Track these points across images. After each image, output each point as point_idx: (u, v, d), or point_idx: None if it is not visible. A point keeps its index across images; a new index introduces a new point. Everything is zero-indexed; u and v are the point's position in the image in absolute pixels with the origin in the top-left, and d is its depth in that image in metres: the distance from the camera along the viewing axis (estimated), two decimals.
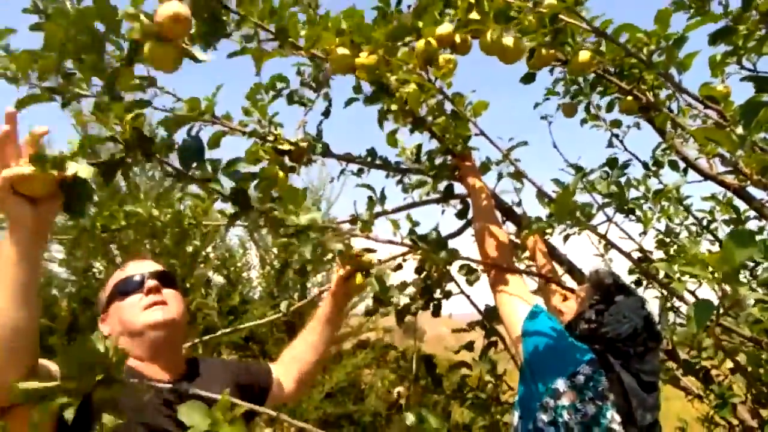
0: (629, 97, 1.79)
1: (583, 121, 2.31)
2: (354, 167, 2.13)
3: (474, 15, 1.54)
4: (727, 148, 1.11)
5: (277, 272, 6.15)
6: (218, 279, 6.34)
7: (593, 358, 1.31)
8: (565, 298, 1.72)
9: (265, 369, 1.63)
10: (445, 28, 1.60)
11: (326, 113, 2.09)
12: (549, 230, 1.81)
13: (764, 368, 1.65)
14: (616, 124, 2.27)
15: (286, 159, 1.92)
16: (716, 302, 1.07)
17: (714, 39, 1.18)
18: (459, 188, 2.04)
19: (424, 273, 1.95)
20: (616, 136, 2.32)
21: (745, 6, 1.10)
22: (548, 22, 1.35)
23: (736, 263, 0.99)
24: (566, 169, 2.26)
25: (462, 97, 1.71)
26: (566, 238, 1.86)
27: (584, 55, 1.67)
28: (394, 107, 1.65)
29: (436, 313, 2.00)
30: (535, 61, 1.68)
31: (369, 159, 2.11)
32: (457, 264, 1.91)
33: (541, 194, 1.80)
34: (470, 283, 1.92)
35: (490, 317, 2.02)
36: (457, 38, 1.61)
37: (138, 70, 1.23)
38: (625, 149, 2.33)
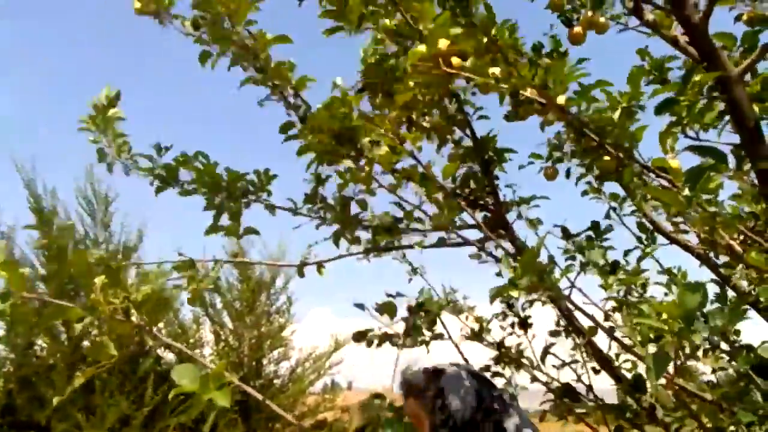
0: (606, 157, 1.87)
1: (584, 193, 2.40)
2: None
3: None
4: (676, 207, 1.20)
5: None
6: (169, 356, 6.06)
7: None
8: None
9: None
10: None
11: None
12: (514, 294, 1.85)
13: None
14: (616, 197, 2.34)
15: None
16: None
17: (659, 109, 1.30)
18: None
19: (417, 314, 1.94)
20: (614, 209, 2.37)
21: (685, 80, 1.22)
22: None
23: (689, 311, 1.05)
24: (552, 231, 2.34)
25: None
26: (531, 303, 1.91)
27: (577, 28, 1.79)
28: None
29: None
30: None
31: None
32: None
33: (507, 256, 1.85)
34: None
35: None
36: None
37: None
38: (622, 222, 2.39)
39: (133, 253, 6.12)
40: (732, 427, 1.65)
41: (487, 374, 2.09)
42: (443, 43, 1.57)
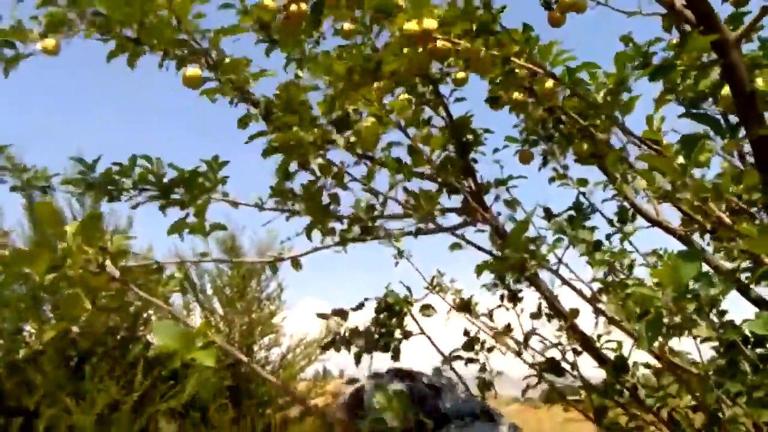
0: (583, 142, 1.85)
1: (551, 180, 2.37)
2: None
3: None
4: (670, 176, 1.17)
5: None
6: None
7: None
8: None
9: None
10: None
11: None
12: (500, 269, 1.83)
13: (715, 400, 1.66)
14: (583, 182, 2.32)
15: None
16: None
17: (653, 76, 1.27)
18: None
19: (384, 313, 1.92)
20: (583, 194, 2.34)
21: (682, 43, 1.20)
22: None
23: (684, 278, 1.03)
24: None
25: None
26: (518, 279, 1.88)
27: (557, 11, 1.76)
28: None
29: (396, 356, 1.94)
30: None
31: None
32: (417, 306, 1.90)
33: (495, 233, 1.83)
34: (427, 315, 1.90)
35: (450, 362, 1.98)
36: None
37: None
38: (593, 208, 2.38)
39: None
40: (715, 405, 1.65)
41: (460, 361, 2.07)
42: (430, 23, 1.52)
